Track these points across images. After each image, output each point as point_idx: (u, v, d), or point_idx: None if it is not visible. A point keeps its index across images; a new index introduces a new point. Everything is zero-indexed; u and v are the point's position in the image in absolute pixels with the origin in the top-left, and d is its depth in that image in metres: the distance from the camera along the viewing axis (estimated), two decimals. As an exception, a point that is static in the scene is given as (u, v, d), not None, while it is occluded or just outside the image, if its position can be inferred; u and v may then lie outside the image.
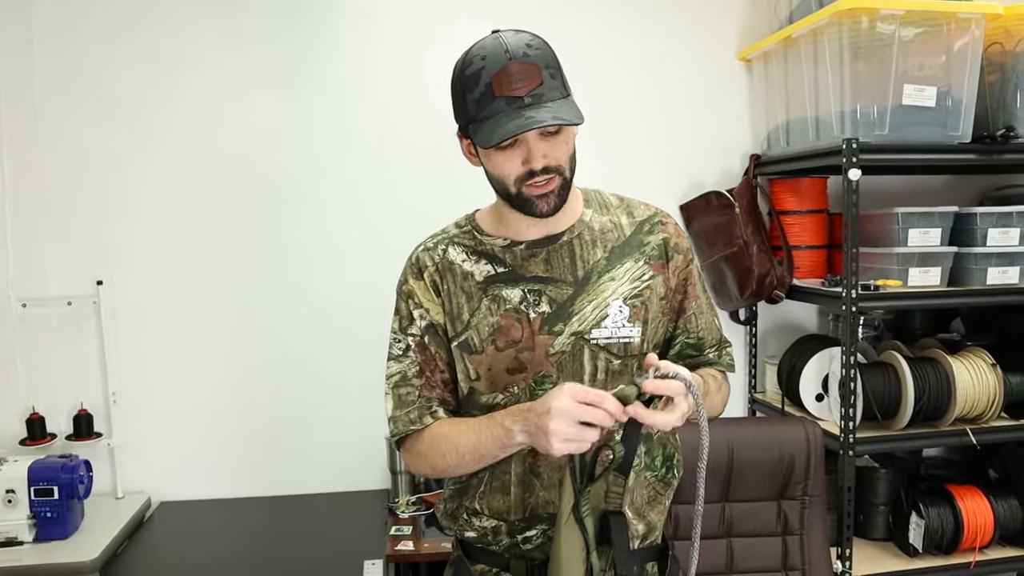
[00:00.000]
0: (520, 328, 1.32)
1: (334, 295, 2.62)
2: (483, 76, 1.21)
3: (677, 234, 1.42)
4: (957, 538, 2.39)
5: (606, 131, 2.72)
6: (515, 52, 1.21)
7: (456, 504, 1.42)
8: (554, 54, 1.26)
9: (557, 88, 1.24)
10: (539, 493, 1.34)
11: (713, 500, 2.12)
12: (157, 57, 2.51)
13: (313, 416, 2.64)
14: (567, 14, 2.68)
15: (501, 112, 1.21)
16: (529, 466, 1.34)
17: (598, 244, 1.37)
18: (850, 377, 2.24)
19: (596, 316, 1.32)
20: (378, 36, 2.61)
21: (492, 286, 1.35)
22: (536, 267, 1.35)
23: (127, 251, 2.54)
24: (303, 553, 2.19)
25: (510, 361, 1.33)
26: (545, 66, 1.23)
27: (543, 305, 1.33)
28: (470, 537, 1.40)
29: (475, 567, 1.41)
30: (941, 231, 2.34)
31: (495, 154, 1.26)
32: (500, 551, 1.38)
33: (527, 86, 1.20)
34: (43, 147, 2.49)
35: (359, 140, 2.62)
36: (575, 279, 1.34)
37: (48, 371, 2.52)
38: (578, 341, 1.32)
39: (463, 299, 1.36)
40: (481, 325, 1.34)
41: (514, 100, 1.20)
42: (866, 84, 2.23)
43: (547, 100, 1.21)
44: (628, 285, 1.35)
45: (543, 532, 1.34)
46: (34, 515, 2.17)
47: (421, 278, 1.39)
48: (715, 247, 2.67)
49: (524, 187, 1.26)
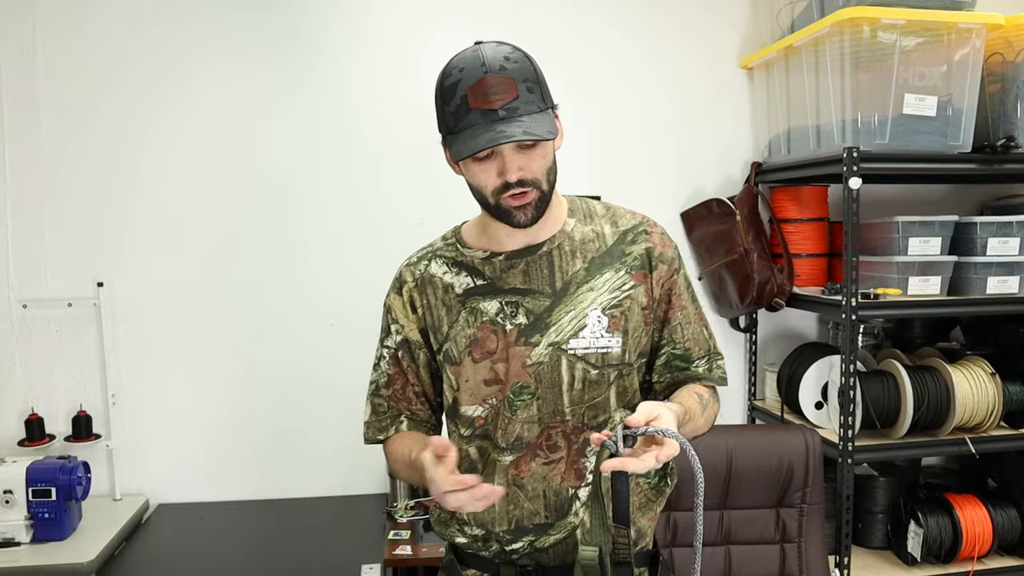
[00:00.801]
0: (496, 340, 1.34)
1: (333, 299, 2.63)
2: (459, 88, 1.22)
3: (663, 243, 1.40)
4: (955, 547, 2.39)
5: (607, 139, 2.73)
6: (492, 65, 1.21)
7: (449, 513, 1.42)
8: (534, 67, 1.26)
9: (534, 102, 1.23)
10: (524, 504, 1.34)
11: (712, 507, 2.12)
12: (159, 60, 2.52)
13: (312, 419, 2.64)
14: (568, 21, 2.69)
15: (476, 124, 1.21)
16: (512, 478, 1.34)
17: (577, 255, 1.37)
18: (849, 385, 2.24)
19: (574, 326, 1.33)
20: (374, 40, 2.62)
21: (471, 299, 1.36)
22: (514, 279, 1.35)
23: (128, 253, 2.54)
24: (301, 557, 2.19)
25: (486, 372, 1.34)
26: (523, 80, 1.23)
27: (520, 317, 1.33)
28: (461, 543, 1.41)
29: (466, 572, 1.41)
30: (941, 240, 2.34)
31: (472, 165, 1.27)
32: (490, 557, 1.39)
33: (502, 99, 1.20)
34: (45, 148, 2.49)
35: (359, 144, 2.62)
36: (553, 290, 1.34)
37: (48, 372, 2.52)
38: (555, 351, 1.32)
39: (443, 311, 1.38)
40: (459, 337, 1.36)
41: (488, 113, 1.20)
42: (867, 93, 2.24)
43: (522, 114, 1.21)
44: (607, 295, 1.35)
45: (530, 543, 1.35)
46: (31, 516, 2.17)
47: (400, 294, 1.42)
48: (716, 254, 2.67)
49: (501, 199, 1.27)
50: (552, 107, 1.28)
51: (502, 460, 1.34)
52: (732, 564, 2.11)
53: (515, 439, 1.34)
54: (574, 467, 1.34)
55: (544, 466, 1.33)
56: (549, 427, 1.33)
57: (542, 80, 1.27)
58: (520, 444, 1.34)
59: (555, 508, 1.34)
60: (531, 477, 1.34)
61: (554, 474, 1.33)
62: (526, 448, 1.34)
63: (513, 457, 1.34)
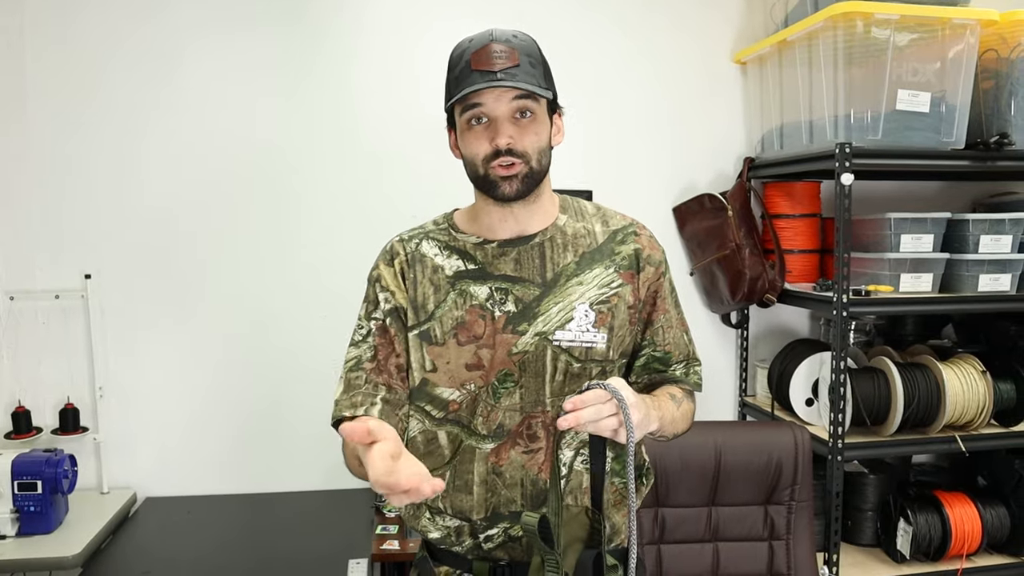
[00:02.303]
0: (483, 325, 1.34)
1: (322, 292, 2.61)
2: (465, 55, 1.28)
3: (651, 246, 1.42)
4: (945, 545, 2.38)
5: (600, 133, 2.71)
6: (499, 36, 1.28)
7: (418, 504, 1.41)
8: (539, 51, 1.31)
9: (535, 76, 1.28)
10: (502, 492, 1.34)
11: (700, 504, 2.12)
12: (150, 50, 2.50)
13: (301, 413, 2.63)
14: (562, 14, 2.67)
15: (474, 82, 1.25)
16: (492, 466, 1.34)
17: (569, 248, 1.38)
18: (840, 382, 2.23)
19: (561, 318, 1.33)
20: (372, 32, 2.60)
21: (461, 281, 1.36)
22: (505, 266, 1.36)
23: (116, 245, 2.52)
24: (288, 551, 2.18)
25: (469, 356, 1.34)
26: (526, 54, 1.28)
27: (509, 304, 1.34)
28: (434, 538, 1.40)
29: (439, 568, 1.41)
30: (933, 237, 2.33)
31: (466, 133, 1.30)
32: (463, 552, 1.38)
33: (503, 64, 1.25)
34: (32, 139, 2.47)
35: (350, 136, 2.60)
36: (543, 280, 1.35)
37: (35, 365, 2.51)
38: (542, 341, 1.33)
39: (430, 290, 1.37)
40: (445, 317, 1.35)
41: (487, 73, 1.25)
42: (860, 89, 2.22)
43: (520, 78, 1.25)
44: (596, 291, 1.35)
45: (504, 531, 1.35)
46: (17, 509, 2.15)
47: (391, 265, 1.41)
48: (707, 250, 2.66)
49: (490, 168, 1.29)
50: (553, 93, 1.32)
51: (482, 448, 1.34)
52: (720, 561, 2.11)
53: (497, 427, 1.33)
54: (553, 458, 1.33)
55: (524, 455, 1.33)
56: (530, 416, 1.34)
57: (547, 66, 1.32)
58: (501, 432, 1.33)
59: (531, 497, 1.34)
60: (510, 465, 1.34)
61: (532, 464, 1.34)
62: (506, 436, 1.33)
63: (494, 445, 1.33)
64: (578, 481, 1.36)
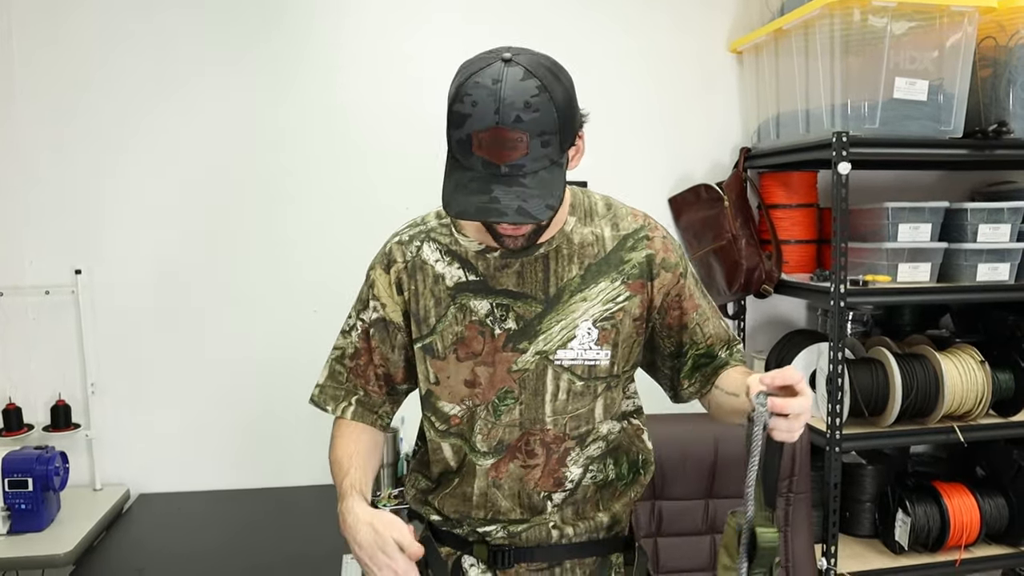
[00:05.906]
0: (482, 342, 1.30)
1: (315, 287, 2.59)
2: (467, 126, 1.11)
3: (665, 248, 1.36)
4: (943, 535, 2.38)
5: (595, 123, 2.65)
6: (505, 116, 1.09)
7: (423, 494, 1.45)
8: (557, 112, 1.12)
9: (546, 156, 1.12)
10: (500, 503, 1.34)
11: (697, 496, 2.10)
12: (140, 47, 2.46)
13: (295, 407, 2.58)
14: (557, 5, 2.64)
15: (474, 171, 1.12)
16: (492, 480, 1.34)
17: (575, 260, 1.32)
18: (837, 373, 2.22)
19: (563, 337, 1.29)
20: (359, 30, 2.57)
21: (461, 294, 1.32)
22: (507, 279, 1.31)
23: (106, 240, 2.50)
24: (282, 546, 2.17)
25: (467, 373, 1.31)
26: (538, 133, 1.11)
27: (509, 322, 1.30)
28: (436, 520, 1.42)
29: (441, 548, 1.42)
30: (931, 227, 2.32)
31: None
32: (463, 535, 1.39)
33: (509, 155, 1.10)
34: (22, 134, 2.44)
35: (340, 134, 2.58)
36: (546, 296, 1.30)
37: (25, 361, 2.48)
38: (542, 360, 1.29)
39: (431, 302, 1.33)
40: (446, 332, 1.32)
41: (490, 165, 1.11)
42: (857, 77, 2.20)
43: (527, 172, 1.11)
44: (600, 307, 1.31)
45: (504, 527, 1.35)
46: (8, 507, 2.13)
47: (387, 272, 1.37)
48: (703, 240, 2.64)
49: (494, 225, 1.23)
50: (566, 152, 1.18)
51: (482, 464, 1.33)
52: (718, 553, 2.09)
53: (496, 443, 1.32)
54: (553, 475, 1.33)
55: (521, 468, 1.33)
56: (529, 433, 1.32)
57: (564, 123, 1.14)
58: (501, 447, 1.32)
59: (529, 508, 1.34)
60: (508, 477, 1.33)
61: (529, 478, 1.33)
62: (506, 451, 1.32)
63: (493, 460, 1.32)
64: (584, 494, 1.36)
